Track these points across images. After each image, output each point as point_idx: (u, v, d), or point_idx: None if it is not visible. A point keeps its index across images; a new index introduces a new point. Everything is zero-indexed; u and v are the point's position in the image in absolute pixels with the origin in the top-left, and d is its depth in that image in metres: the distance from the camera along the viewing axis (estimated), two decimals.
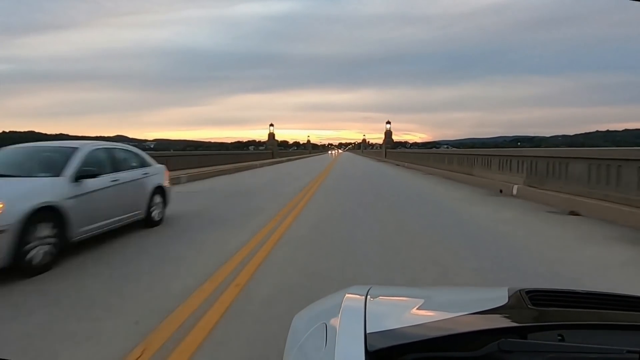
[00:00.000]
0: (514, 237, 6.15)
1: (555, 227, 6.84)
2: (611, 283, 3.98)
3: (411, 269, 4.48)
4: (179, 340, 2.77)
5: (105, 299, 3.62)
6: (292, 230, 6.49)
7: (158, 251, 5.29)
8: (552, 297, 1.11)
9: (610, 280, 4.13)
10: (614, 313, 1.05)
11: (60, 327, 3.05)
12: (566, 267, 4.54)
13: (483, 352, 0.84)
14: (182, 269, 4.50)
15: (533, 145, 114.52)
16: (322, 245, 5.57)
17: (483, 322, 0.99)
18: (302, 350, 1.05)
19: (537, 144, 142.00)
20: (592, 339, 0.88)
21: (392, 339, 0.90)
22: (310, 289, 3.71)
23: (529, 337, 0.90)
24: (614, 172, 7.83)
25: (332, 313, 1.10)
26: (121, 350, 2.64)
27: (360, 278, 4.07)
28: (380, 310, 1.14)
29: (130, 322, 3.08)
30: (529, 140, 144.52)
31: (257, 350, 2.67)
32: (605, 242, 5.75)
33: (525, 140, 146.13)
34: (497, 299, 1.09)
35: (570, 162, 9.40)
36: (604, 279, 4.16)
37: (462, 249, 5.30)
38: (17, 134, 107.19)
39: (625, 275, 4.35)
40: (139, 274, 4.35)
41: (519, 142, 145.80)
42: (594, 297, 1.13)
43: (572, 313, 1.04)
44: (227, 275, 4.16)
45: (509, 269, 4.47)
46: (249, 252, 5.06)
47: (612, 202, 7.54)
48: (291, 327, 1.20)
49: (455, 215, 8.21)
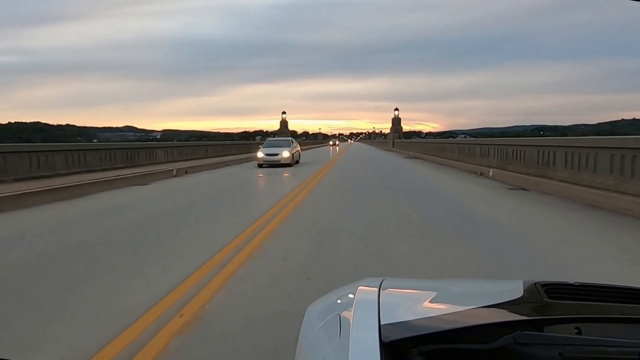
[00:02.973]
0: (459, 196, 9.68)
1: (489, 192, 10.44)
2: (483, 202, 7.57)
3: (370, 186, 7.87)
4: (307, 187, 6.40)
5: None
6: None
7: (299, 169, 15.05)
8: (568, 290, 1.15)
9: (485, 201, 7.72)
10: (632, 307, 1.08)
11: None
12: (475, 205, 7.99)
13: (498, 344, 0.88)
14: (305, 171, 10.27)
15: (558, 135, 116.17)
16: (339, 180, 9.12)
17: (498, 315, 1.04)
18: (316, 341, 1.12)
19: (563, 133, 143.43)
20: (610, 333, 0.91)
21: (406, 330, 0.95)
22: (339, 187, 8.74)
23: (545, 330, 0.94)
24: (551, 156, 11.11)
25: (345, 304, 1.18)
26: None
27: (358, 180, 7.64)
28: (394, 302, 1.20)
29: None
30: (552, 130, 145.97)
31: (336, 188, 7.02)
32: (494, 190, 9.15)
33: (547, 130, 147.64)
34: (512, 292, 1.14)
35: (526, 149, 12.74)
36: (486, 205, 7.70)
37: (429, 200, 8.78)
38: (23, 125, 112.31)
39: (499, 199, 7.91)
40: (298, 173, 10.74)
41: (541, 131, 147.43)
42: (611, 291, 1.16)
43: (589, 306, 1.07)
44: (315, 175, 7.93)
45: (441, 202, 7.95)
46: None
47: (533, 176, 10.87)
48: (304, 318, 1.28)
49: (431, 184, 11.71)
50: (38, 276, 4.37)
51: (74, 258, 5.04)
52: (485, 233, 6.12)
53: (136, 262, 4.82)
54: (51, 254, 5.21)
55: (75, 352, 2.76)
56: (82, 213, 8.28)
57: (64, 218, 7.80)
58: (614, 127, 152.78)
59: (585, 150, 9.54)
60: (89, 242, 5.83)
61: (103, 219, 7.63)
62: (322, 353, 1.03)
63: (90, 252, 5.31)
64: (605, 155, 8.72)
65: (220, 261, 4.70)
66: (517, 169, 12.79)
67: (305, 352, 1.12)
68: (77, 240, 5.89)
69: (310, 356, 1.08)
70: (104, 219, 7.61)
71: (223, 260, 4.71)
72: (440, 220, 7.18)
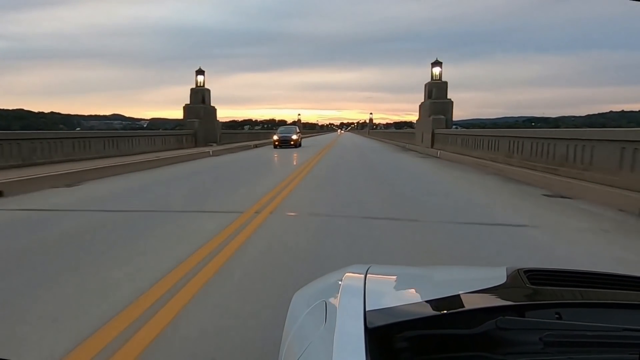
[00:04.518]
0: (406, 164, 14.03)
1: (425, 161, 15.69)
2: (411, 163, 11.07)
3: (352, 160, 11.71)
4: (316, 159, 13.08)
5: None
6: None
7: (301, 149, 27.50)
8: (550, 276, 1.22)
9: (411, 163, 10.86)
10: (612, 292, 1.15)
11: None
12: (407, 166, 11.31)
13: (481, 329, 0.93)
14: (307, 153, 23.14)
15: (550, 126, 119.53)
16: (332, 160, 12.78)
17: (481, 301, 1.10)
18: (302, 327, 1.17)
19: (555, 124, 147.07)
20: (590, 318, 0.97)
21: (391, 316, 1.00)
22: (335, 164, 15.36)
23: (527, 315, 0.99)
24: (478, 142, 14.39)
25: (331, 291, 1.23)
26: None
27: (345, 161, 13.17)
28: (379, 288, 1.27)
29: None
30: (544, 121, 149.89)
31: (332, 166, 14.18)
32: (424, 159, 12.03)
33: (540, 121, 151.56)
34: (496, 278, 1.21)
35: (459, 137, 17.02)
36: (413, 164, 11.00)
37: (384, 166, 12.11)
38: (4, 112, 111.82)
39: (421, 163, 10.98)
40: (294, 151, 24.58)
41: (532, 122, 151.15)
42: (593, 277, 1.24)
43: (570, 292, 1.15)
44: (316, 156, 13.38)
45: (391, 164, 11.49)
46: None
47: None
48: (291, 305, 1.35)
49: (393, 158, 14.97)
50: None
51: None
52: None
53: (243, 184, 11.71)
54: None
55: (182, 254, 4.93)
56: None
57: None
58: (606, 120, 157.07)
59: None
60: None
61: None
62: (308, 339, 1.08)
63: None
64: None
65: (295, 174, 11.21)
66: (453, 149, 16.05)
67: (291, 338, 1.17)
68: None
69: (296, 342, 1.13)
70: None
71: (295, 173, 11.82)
72: None
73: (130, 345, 2.90)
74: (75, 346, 2.89)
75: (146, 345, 2.92)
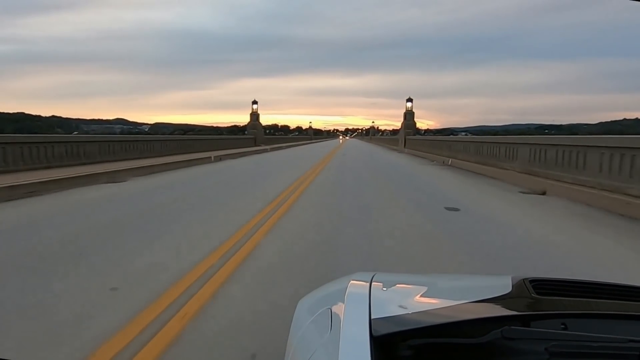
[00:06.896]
0: (384, 155, 21.73)
1: (396, 154, 24.12)
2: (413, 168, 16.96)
3: (357, 158, 18.14)
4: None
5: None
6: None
7: (330, 145, 53.66)
8: (556, 287, 1.25)
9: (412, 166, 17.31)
10: (618, 303, 1.18)
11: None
12: (409, 168, 16.29)
13: (486, 339, 0.96)
14: (330, 148, 46.02)
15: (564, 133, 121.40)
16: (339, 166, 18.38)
17: (487, 310, 1.13)
18: (307, 334, 1.21)
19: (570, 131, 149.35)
20: (595, 328, 0.99)
21: (396, 324, 1.03)
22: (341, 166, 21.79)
23: (532, 325, 1.02)
24: (466, 147, 18.11)
25: (336, 299, 1.27)
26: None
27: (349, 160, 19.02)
28: (384, 296, 1.31)
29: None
30: (557, 128, 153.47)
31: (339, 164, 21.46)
32: (428, 164, 17.09)
33: (553, 129, 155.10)
34: (501, 287, 1.25)
35: (463, 144, 20.73)
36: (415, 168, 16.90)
37: (391, 170, 16.89)
38: (4, 115, 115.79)
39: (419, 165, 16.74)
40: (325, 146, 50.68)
41: (545, 129, 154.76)
42: (598, 287, 1.27)
43: (576, 302, 1.17)
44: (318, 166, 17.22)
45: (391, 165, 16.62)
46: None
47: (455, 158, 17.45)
48: (295, 312, 1.39)
49: (397, 165, 19.73)
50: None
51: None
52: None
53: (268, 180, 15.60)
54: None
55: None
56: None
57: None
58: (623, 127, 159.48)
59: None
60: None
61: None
62: (312, 347, 1.11)
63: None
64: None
65: (306, 174, 16.89)
66: (464, 157, 19.71)
67: (295, 346, 1.21)
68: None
69: (300, 350, 1.16)
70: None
71: (307, 173, 17.32)
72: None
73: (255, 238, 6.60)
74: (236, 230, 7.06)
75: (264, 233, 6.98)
